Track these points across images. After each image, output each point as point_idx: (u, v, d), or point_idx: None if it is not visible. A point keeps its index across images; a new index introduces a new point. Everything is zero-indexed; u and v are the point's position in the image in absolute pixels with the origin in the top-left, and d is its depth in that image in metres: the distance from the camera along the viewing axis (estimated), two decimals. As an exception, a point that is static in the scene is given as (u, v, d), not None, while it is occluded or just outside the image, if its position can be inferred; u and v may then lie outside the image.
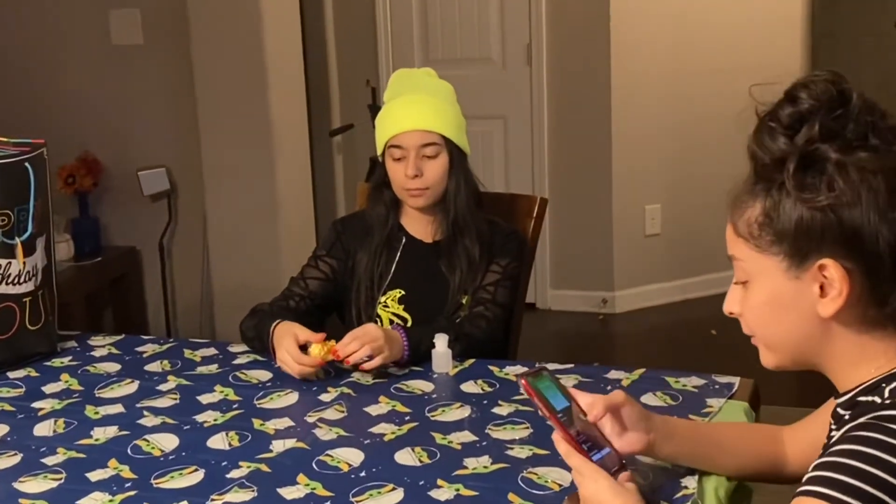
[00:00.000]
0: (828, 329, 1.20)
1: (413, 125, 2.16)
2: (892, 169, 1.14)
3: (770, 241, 1.19)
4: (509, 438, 1.68)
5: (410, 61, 4.69)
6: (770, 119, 1.19)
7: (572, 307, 4.89)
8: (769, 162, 1.18)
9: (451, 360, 2.01)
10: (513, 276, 2.24)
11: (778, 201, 1.17)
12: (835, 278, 1.15)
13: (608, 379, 1.93)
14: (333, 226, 2.33)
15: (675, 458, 1.49)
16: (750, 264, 1.22)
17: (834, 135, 1.15)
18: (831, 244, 1.15)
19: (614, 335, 4.70)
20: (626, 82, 4.66)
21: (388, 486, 1.52)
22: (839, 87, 1.17)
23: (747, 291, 1.24)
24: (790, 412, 1.56)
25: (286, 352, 1.94)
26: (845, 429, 1.14)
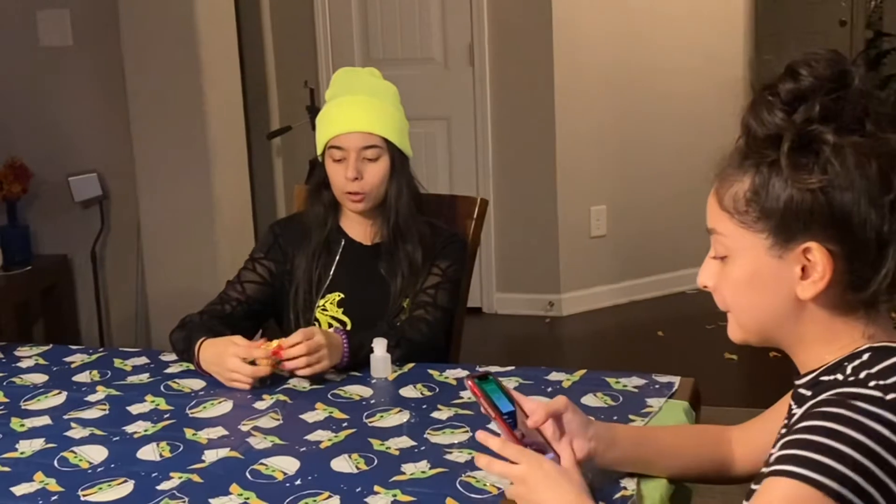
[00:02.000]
0: (802, 310, 1.19)
1: (354, 127, 2.12)
2: (886, 155, 1.13)
3: (756, 217, 1.17)
4: (448, 443, 1.65)
5: (350, 61, 4.64)
6: (769, 93, 1.17)
7: (518, 311, 4.88)
8: (763, 137, 1.16)
9: (391, 364, 1.97)
10: (453, 279, 2.20)
11: (768, 178, 1.15)
12: (818, 262, 1.14)
13: (549, 381, 1.91)
14: (271, 228, 2.28)
15: (618, 464, 1.47)
16: (732, 239, 1.21)
17: (832, 116, 1.14)
18: (819, 227, 1.14)
19: (561, 338, 4.68)
20: (569, 82, 4.65)
21: (323, 494, 1.48)
22: (841, 68, 1.16)
23: (726, 266, 1.23)
24: (734, 412, 1.54)
25: (237, 373, 1.89)
26: (808, 405, 1.13)
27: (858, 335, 1.18)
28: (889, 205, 1.12)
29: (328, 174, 2.16)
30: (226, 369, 1.91)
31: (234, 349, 1.90)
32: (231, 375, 1.90)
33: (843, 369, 1.15)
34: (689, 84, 4.74)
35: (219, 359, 1.92)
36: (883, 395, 1.08)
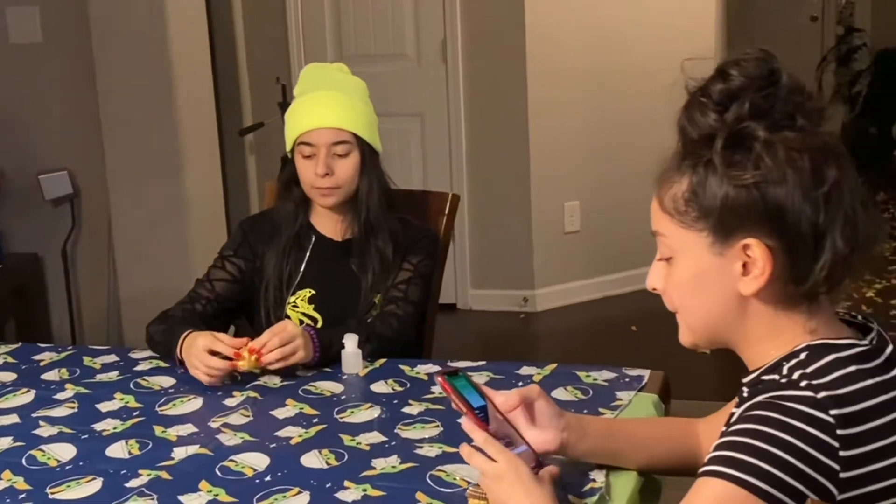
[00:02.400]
0: (746, 306, 1.21)
1: (324, 122, 2.11)
2: (817, 149, 1.15)
3: (695, 216, 1.19)
4: (419, 437, 1.65)
5: (322, 57, 4.62)
6: (701, 94, 1.19)
7: (493, 307, 4.88)
8: (698, 138, 1.18)
9: (362, 360, 1.97)
10: (425, 274, 2.20)
11: (704, 178, 1.17)
12: (758, 257, 1.16)
13: (520, 375, 1.91)
14: (240, 225, 2.27)
15: (589, 455, 1.48)
16: (674, 240, 1.22)
17: (763, 113, 1.16)
18: (755, 222, 1.15)
19: (535, 334, 4.69)
20: (542, 79, 4.66)
21: (293, 490, 1.48)
22: (770, 66, 1.18)
23: (671, 267, 1.24)
24: (706, 406, 1.56)
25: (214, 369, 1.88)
26: (744, 407, 1.15)
27: (801, 330, 1.19)
28: (823, 197, 1.14)
29: (298, 170, 2.16)
30: (203, 363, 1.88)
31: (218, 346, 1.89)
32: (209, 371, 1.88)
33: (781, 369, 1.17)
34: (660, 81, 4.72)
35: (199, 353, 1.90)
36: (814, 395, 1.10)
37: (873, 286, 4.81)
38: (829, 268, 1.15)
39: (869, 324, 1.25)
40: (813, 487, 1.08)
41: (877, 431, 1.11)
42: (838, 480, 1.08)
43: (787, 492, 1.07)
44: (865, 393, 1.12)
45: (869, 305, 4.56)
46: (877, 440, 1.10)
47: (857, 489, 1.10)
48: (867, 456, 1.10)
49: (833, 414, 1.09)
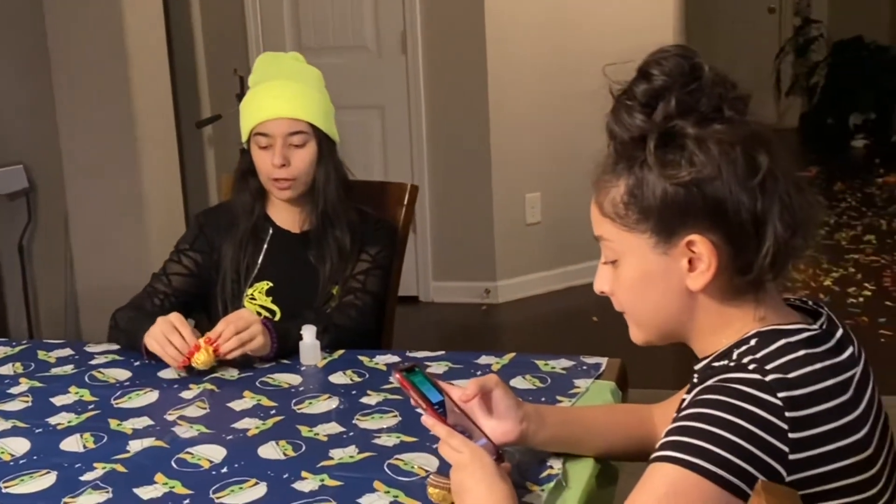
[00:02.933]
0: (694, 301, 1.22)
1: (280, 112, 2.10)
2: (747, 138, 1.16)
3: (636, 218, 1.19)
4: (377, 427, 1.65)
5: (281, 49, 4.57)
6: (626, 97, 1.19)
7: (455, 298, 4.89)
8: (629, 140, 1.19)
9: (320, 351, 1.96)
10: (383, 265, 2.20)
11: (641, 179, 1.18)
12: (703, 253, 1.17)
13: (478, 365, 1.92)
14: (196, 218, 2.25)
15: (548, 444, 1.49)
16: (618, 243, 1.23)
17: (690, 109, 1.16)
18: (696, 218, 1.16)
19: (497, 325, 4.70)
20: (502, 70, 4.67)
21: (250, 481, 1.48)
22: (690, 62, 1.19)
23: (617, 270, 1.25)
24: (664, 394, 1.57)
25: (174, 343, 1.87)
26: (694, 392, 1.16)
27: (750, 318, 1.20)
28: (758, 186, 1.15)
29: (254, 161, 2.14)
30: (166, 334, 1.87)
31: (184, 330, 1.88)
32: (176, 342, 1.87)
33: (731, 355, 1.18)
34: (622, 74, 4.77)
35: (167, 325, 1.88)
36: (763, 378, 1.11)
37: (831, 275, 4.87)
38: (772, 254, 1.16)
39: (819, 309, 1.27)
40: (762, 469, 1.09)
41: (825, 414, 1.12)
42: (787, 462, 1.10)
43: (737, 474, 1.08)
44: (814, 376, 1.13)
45: (826, 293, 4.61)
46: (825, 423, 1.12)
47: (806, 471, 1.11)
48: (816, 438, 1.11)
49: (781, 396, 1.10)
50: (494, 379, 1.43)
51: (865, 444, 1.15)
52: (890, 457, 1.23)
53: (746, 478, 1.08)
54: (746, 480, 1.09)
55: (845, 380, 1.16)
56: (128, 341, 2.01)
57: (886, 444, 1.22)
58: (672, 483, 1.11)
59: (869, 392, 1.20)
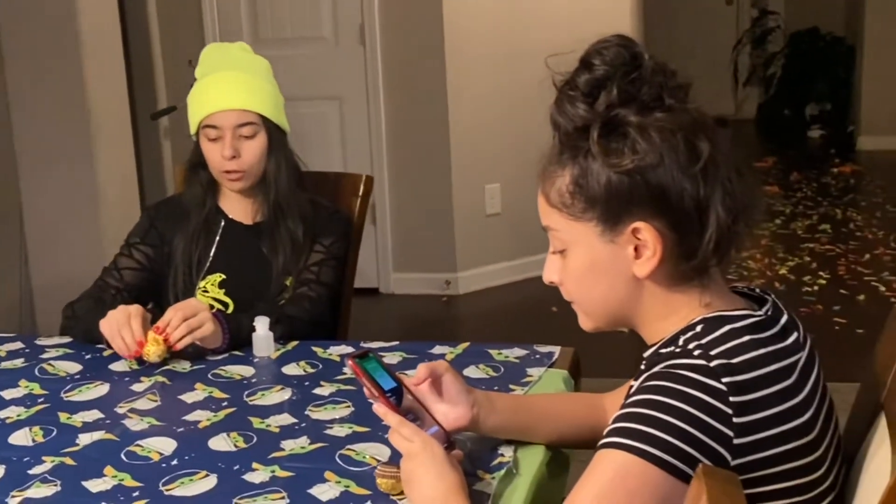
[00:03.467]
0: (641, 288, 1.23)
1: (228, 104, 2.09)
2: (688, 126, 1.18)
3: (582, 207, 1.21)
4: (329, 418, 1.65)
5: (239, 40, 4.56)
6: (569, 88, 1.21)
7: (415, 290, 4.88)
8: (572, 130, 1.20)
9: (273, 343, 1.96)
10: (337, 255, 2.19)
11: (586, 168, 1.19)
12: (648, 239, 1.18)
13: (432, 355, 1.92)
14: (146, 212, 2.24)
15: (498, 431, 1.50)
16: (565, 233, 1.24)
17: (631, 98, 1.18)
18: (641, 205, 1.18)
19: (458, 317, 4.71)
20: (461, 61, 4.67)
21: (200, 473, 1.47)
22: (631, 51, 1.20)
23: (565, 259, 1.26)
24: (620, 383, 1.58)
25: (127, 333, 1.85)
26: (641, 379, 1.17)
27: (696, 304, 1.22)
28: (700, 172, 1.17)
29: (204, 153, 2.13)
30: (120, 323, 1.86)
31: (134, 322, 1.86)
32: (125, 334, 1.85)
33: (677, 341, 1.19)
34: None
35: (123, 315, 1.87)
36: (707, 363, 1.13)
37: (786, 263, 4.92)
38: (715, 240, 1.18)
39: (765, 295, 1.28)
40: (707, 453, 1.10)
41: (769, 399, 1.14)
42: (732, 446, 1.11)
43: (682, 458, 1.10)
44: (758, 361, 1.15)
45: (782, 282, 4.66)
46: (769, 407, 1.13)
47: (751, 455, 1.12)
48: (760, 423, 1.13)
49: (725, 382, 1.11)
50: (444, 364, 1.44)
51: (809, 428, 1.17)
52: (834, 440, 1.25)
53: (692, 462, 1.10)
54: (692, 465, 1.10)
55: (789, 365, 1.18)
56: (85, 332, 1.99)
57: (831, 428, 1.24)
58: (618, 468, 1.12)
59: (813, 377, 1.22)
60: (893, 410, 1.23)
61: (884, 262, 4.88)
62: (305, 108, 4.62)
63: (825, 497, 1.20)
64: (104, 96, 3.57)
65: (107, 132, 3.58)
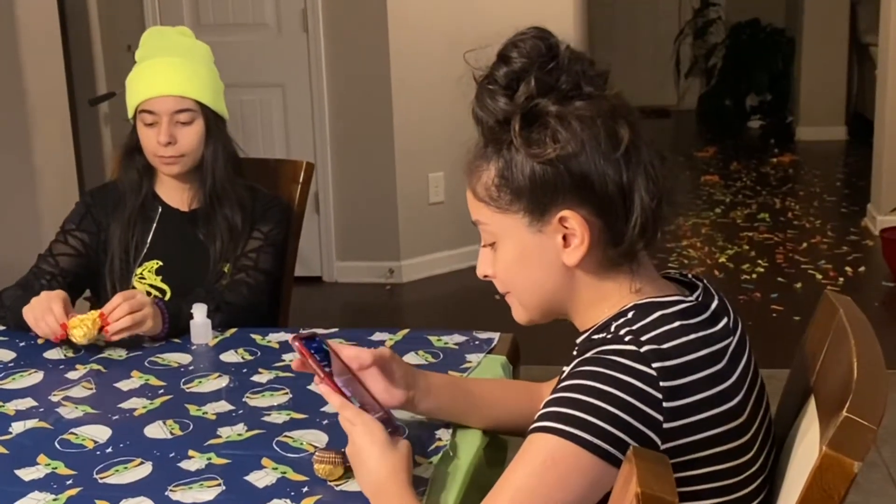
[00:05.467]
0: (572, 276, 1.24)
1: (166, 90, 2.07)
2: (608, 112, 1.19)
3: (509, 200, 1.22)
4: (267, 405, 1.64)
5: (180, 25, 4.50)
6: (488, 82, 1.22)
7: (359, 278, 4.87)
8: (494, 124, 1.21)
9: (211, 330, 1.94)
10: (275, 242, 2.18)
11: (510, 160, 1.20)
12: (575, 227, 1.20)
13: (372, 342, 1.93)
14: (82, 198, 2.22)
15: (434, 412, 1.51)
16: (494, 226, 1.25)
17: (550, 88, 1.19)
18: (566, 194, 1.19)
19: (402, 305, 4.71)
20: (404, 48, 4.65)
21: (135, 461, 1.46)
22: (547, 42, 1.21)
23: (496, 252, 1.27)
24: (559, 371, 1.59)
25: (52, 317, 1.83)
26: (572, 364, 1.18)
27: (626, 291, 1.24)
28: (622, 157, 1.19)
29: (140, 139, 2.11)
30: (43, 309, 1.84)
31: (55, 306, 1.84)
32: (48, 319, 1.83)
33: (609, 327, 1.21)
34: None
35: (46, 301, 1.85)
36: (637, 349, 1.15)
37: (725, 252, 4.99)
38: (640, 224, 1.20)
39: (696, 281, 1.30)
40: (637, 438, 1.12)
41: (699, 383, 1.15)
42: (662, 430, 1.13)
43: (612, 442, 1.11)
44: (688, 347, 1.17)
45: (721, 271, 4.73)
46: (699, 392, 1.15)
47: (680, 439, 1.14)
48: (690, 407, 1.14)
49: (655, 367, 1.13)
50: (388, 351, 1.43)
51: (738, 413, 1.19)
52: (763, 425, 1.27)
53: (621, 446, 1.11)
54: (621, 449, 1.11)
55: (719, 350, 1.20)
56: (14, 320, 1.96)
57: (760, 412, 1.26)
58: (549, 452, 1.13)
59: (743, 362, 1.24)
60: (822, 393, 1.25)
61: (820, 251, 4.97)
62: (248, 94, 4.59)
63: (755, 479, 1.23)
64: (42, 81, 3.50)
65: (44, 117, 3.51)
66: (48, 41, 3.56)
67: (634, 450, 1.01)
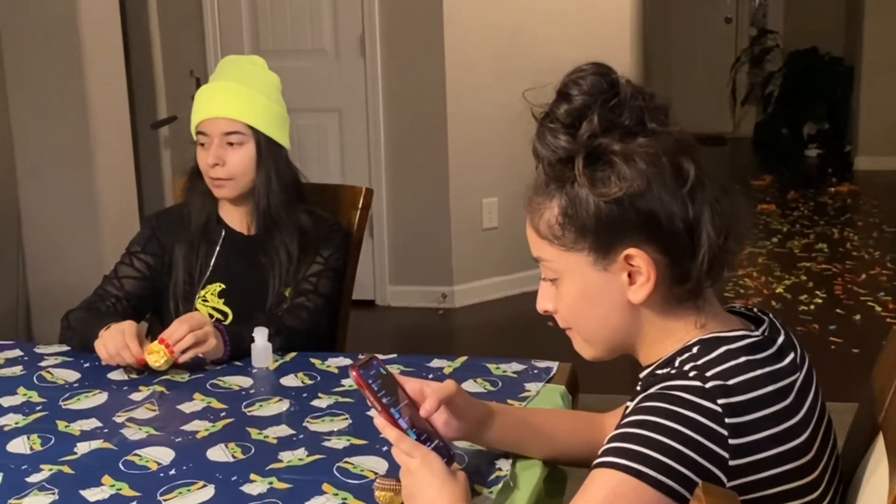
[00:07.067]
0: (637, 313, 1.23)
1: (217, 112, 2.11)
2: (672, 148, 1.18)
3: (573, 238, 1.21)
4: (327, 430, 1.65)
5: (239, 51, 4.58)
6: (549, 120, 1.21)
7: (411, 303, 4.89)
8: (556, 161, 1.20)
9: (272, 353, 1.96)
10: (335, 267, 2.20)
11: (574, 198, 1.19)
12: (641, 265, 1.19)
13: (430, 368, 1.92)
14: (147, 220, 2.25)
15: (495, 443, 1.50)
16: (557, 263, 1.24)
17: (613, 125, 1.18)
18: (632, 232, 1.18)
19: (454, 330, 4.71)
20: (460, 74, 4.68)
21: (198, 484, 1.47)
22: (608, 78, 1.20)
23: (559, 288, 1.26)
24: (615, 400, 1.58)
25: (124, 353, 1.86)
26: (637, 399, 1.17)
27: (692, 326, 1.22)
28: (688, 194, 1.17)
29: (197, 160, 2.15)
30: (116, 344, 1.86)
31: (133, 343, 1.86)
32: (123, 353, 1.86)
33: (674, 363, 1.20)
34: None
35: (117, 335, 1.87)
36: (703, 385, 1.13)
37: (783, 282, 4.93)
38: (708, 260, 1.18)
39: (762, 315, 1.29)
40: (702, 474, 1.10)
41: (765, 420, 1.14)
42: (727, 468, 1.11)
43: (677, 479, 1.10)
44: (754, 383, 1.15)
45: (778, 301, 4.67)
46: (765, 429, 1.14)
47: (747, 476, 1.13)
48: (756, 444, 1.13)
49: (721, 403, 1.12)
50: (454, 386, 1.41)
51: (806, 449, 1.17)
52: (831, 462, 1.25)
53: (686, 483, 1.10)
54: (686, 485, 1.10)
55: (785, 386, 1.18)
56: (81, 342, 2.00)
57: (828, 449, 1.24)
58: (612, 488, 1.12)
59: (811, 398, 1.22)
60: (891, 431, 1.23)
61: (880, 282, 4.89)
62: (305, 119, 4.63)
63: (822, 517, 1.21)
64: (105, 106, 3.57)
65: (107, 141, 3.58)
66: (112, 66, 3.63)
67: (704, 486, 1.00)
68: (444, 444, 1.37)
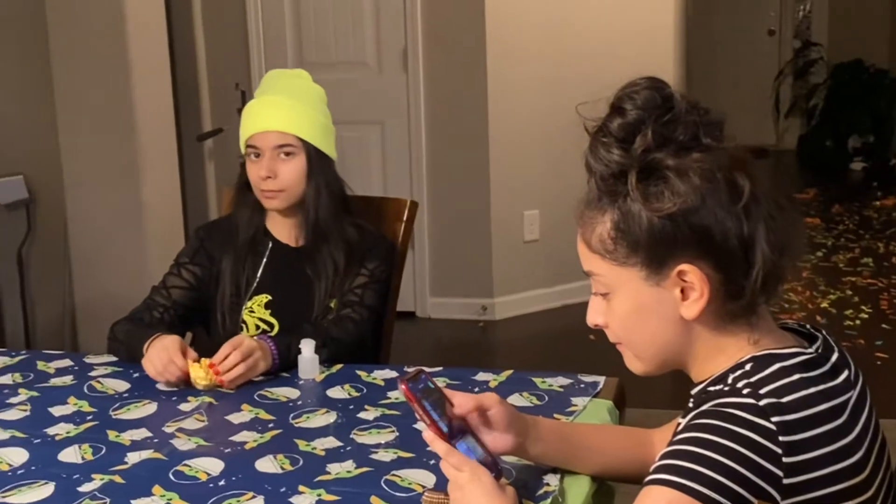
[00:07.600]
0: (689, 329, 1.22)
1: (268, 126, 2.13)
2: (727, 164, 1.17)
3: (626, 253, 1.20)
4: (374, 443, 1.65)
5: (283, 64, 4.62)
6: (602, 134, 1.20)
7: (452, 315, 4.89)
8: (609, 175, 1.19)
9: (318, 365, 1.97)
10: (381, 279, 2.21)
11: (626, 213, 1.18)
12: (694, 281, 1.17)
13: (476, 381, 1.92)
14: (196, 232, 2.27)
15: (543, 458, 1.49)
16: (608, 278, 1.23)
17: (667, 140, 1.17)
18: (685, 247, 1.17)
19: (494, 342, 4.70)
20: (502, 88, 4.68)
21: (247, 494, 1.48)
22: (663, 93, 1.19)
23: (610, 303, 1.25)
24: (661, 414, 1.57)
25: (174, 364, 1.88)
26: (689, 416, 1.17)
27: (745, 343, 1.21)
28: (743, 209, 1.16)
29: (247, 173, 2.17)
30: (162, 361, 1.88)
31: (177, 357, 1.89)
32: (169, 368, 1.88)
33: (726, 379, 1.18)
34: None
35: (163, 351, 1.89)
36: (756, 402, 1.12)
37: (828, 297, 4.88)
38: (762, 277, 1.17)
39: (815, 332, 1.27)
40: (756, 492, 1.09)
41: (819, 439, 1.12)
42: (781, 486, 1.10)
43: (731, 497, 1.09)
44: (808, 401, 1.14)
45: (823, 316, 4.62)
46: (819, 447, 1.12)
47: (801, 495, 1.11)
48: (810, 463, 1.11)
49: (775, 421, 1.10)
50: (495, 398, 1.41)
51: (860, 469, 1.16)
52: (886, 480, 1.23)
53: (740, 501, 1.09)
54: (739, 503, 1.09)
55: (840, 404, 1.17)
56: (127, 353, 2.02)
57: (882, 467, 1.23)
58: None
59: (864, 416, 1.20)
60: (945, 450, 1.21)
61: (927, 297, 4.83)
62: (347, 131, 4.62)
63: (877, 536, 1.19)
64: (151, 118, 3.61)
65: (153, 153, 3.62)
66: (158, 79, 3.68)
67: (759, 505, 0.99)
68: (493, 458, 1.37)
